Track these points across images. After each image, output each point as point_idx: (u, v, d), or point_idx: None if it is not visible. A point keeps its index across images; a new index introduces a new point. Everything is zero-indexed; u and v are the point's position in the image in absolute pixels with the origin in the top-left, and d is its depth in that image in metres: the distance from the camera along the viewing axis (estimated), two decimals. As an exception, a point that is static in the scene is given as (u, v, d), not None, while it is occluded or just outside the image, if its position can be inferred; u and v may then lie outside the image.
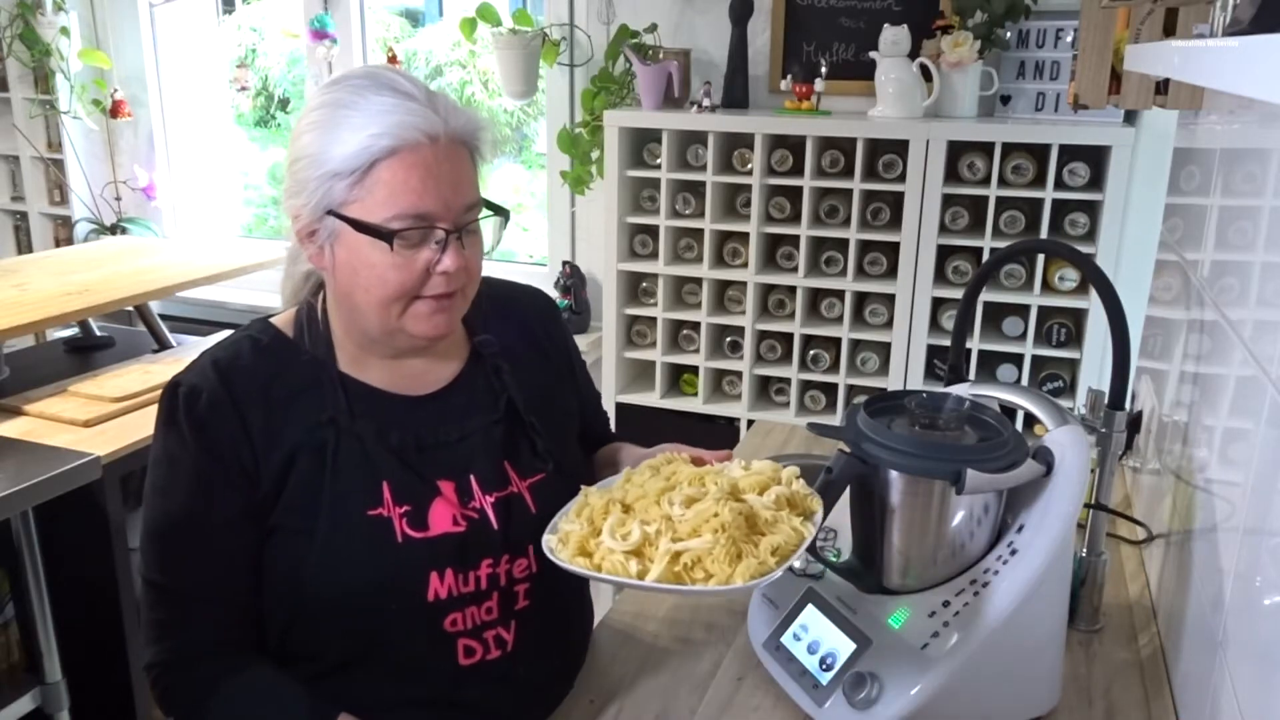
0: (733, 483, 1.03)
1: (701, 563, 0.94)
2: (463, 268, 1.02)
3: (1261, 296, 0.96)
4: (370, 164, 0.97)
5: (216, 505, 1.02)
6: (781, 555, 0.95)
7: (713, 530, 0.95)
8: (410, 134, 0.97)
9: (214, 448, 1.01)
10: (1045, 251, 2.32)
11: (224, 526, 1.02)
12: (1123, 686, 1.18)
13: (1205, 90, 1.28)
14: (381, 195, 0.97)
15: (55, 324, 2.35)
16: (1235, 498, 0.97)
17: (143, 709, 2.08)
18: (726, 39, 2.64)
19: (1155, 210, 1.88)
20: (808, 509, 1.02)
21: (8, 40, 3.48)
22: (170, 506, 1.03)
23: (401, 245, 0.99)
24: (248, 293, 3.41)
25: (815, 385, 2.64)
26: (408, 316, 1.03)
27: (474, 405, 1.12)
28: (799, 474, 1.05)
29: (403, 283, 1.00)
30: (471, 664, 1.07)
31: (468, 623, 1.06)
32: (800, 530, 0.98)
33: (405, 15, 5.16)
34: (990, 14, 2.37)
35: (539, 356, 1.21)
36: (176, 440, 1.02)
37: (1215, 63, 0.60)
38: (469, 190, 1.03)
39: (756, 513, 0.99)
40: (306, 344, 1.08)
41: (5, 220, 3.88)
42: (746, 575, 0.93)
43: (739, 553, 0.95)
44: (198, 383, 1.03)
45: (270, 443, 1.02)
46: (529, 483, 1.11)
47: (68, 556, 1.96)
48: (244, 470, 1.02)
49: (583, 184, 2.84)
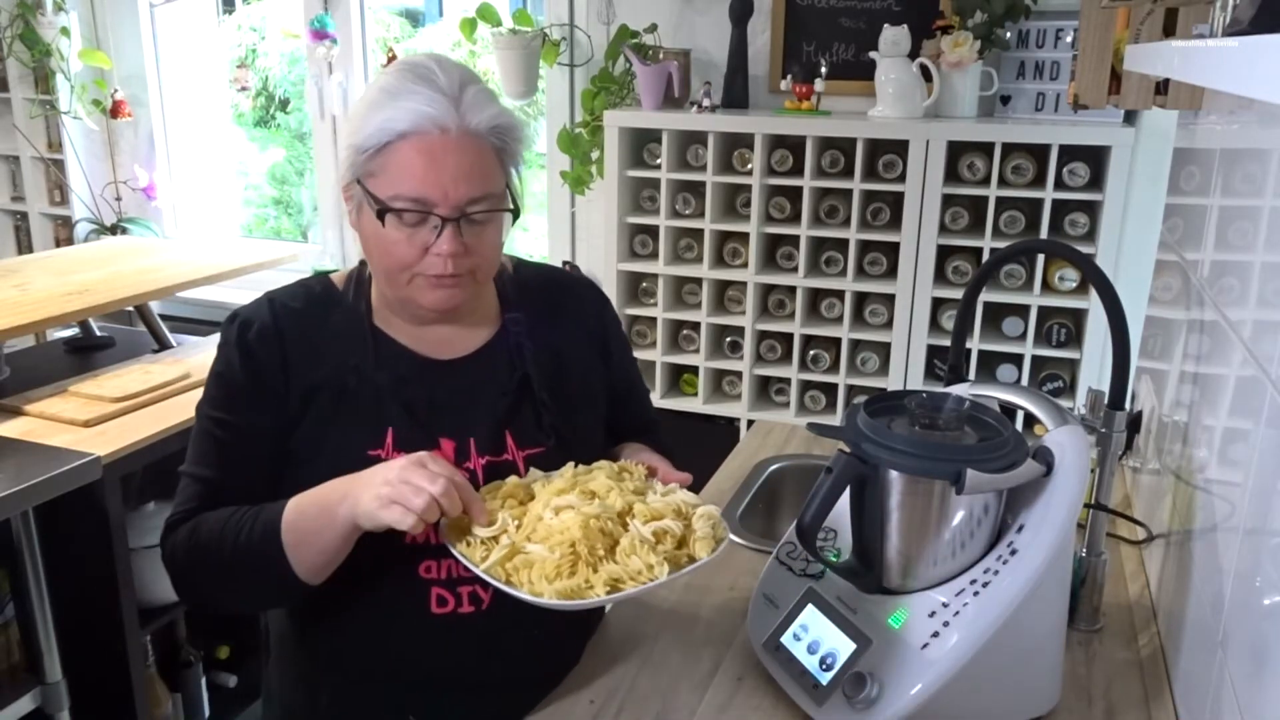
0: (629, 504, 1.05)
1: (530, 568, 0.99)
2: (460, 254, 1.08)
3: (1261, 296, 0.96)
4: (385, 144, 1.06)
5: (250, 417, 1.13)
6: (612, 586, 0.98)
7: (557, 543, 0.99)
8: (423, 123, 1.05)
9: (256, 370, 1.13)
10: (1045, 251, 2.32)
11: (253, 436, 1.14)
12: (1123, 686, 1.18)
13: (1205, 90, 1.28)
14: (391, 174, 1.06)
15: (55, 324, 2.35)
16: (1235, 498, 0.97)
17: (143, 709, 2.08)
18: (726, 39, 2.64)
19: (1155, 210, 1.88)
20: (693, 553, 1.04)
21: (8, 40, 3.48)
22: (214, 412, 1.15)
23: (398, 223, 1.07)
24: (248, 293, 3.37)
25: (815, 385, 2.64)
26: (413, 287, 1.11)
27: (490, 375, 1.19)
28: (714, 517, 1.07)
29: (401, 257, 1.08)
30: (443, 614, 1.13)
31: (442, 572, 1.12)
32: (650, 570, 0.99)
33: (405, 15, 5.16)
34: (990, 14, 2.37)
35: (571, 342, 1.26)
36: (226, 360, 1.15)
37: (1215, 63, 0.60)
38: (477, 183, 1.07)
39: (621, 540, 1.02)
40: (350, 298, 1.19)
41: (5, 220, 3.88)
42: (557, 594, 0.97)
43: (572, 570, 0.98)
44: (252, 316, 1.16)
45: (301, 376, 1.13)
46: (526, 453, 1.17)
47: (68, 556, 1.96)
48: (275, 393, 1.13)
49: (583, 184, 2.84)
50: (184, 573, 1.14)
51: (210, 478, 1.14)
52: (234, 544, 1.07)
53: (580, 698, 1.16)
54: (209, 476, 1.14)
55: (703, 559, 1.03)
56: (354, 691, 1.18)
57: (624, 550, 1.01)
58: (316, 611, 1.17)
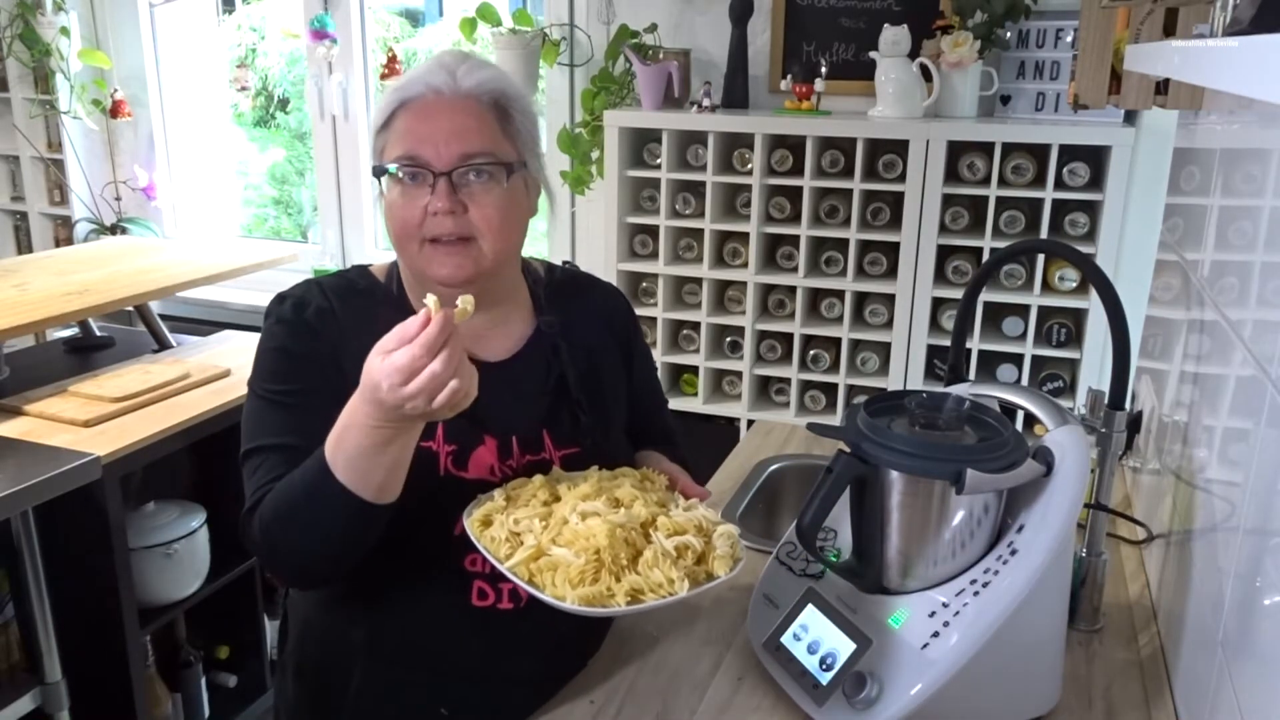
0: (653, 515, 1.06)
1: (555, 571, 0.99)
2: (457, 212, 1.09)
3: (1261, 296, 0.96)
4: (390, 117, 1.12)
5: (314, 383, 1.12)
6: (633, 597, 0.99)
7: (582, 549, 1.00)
8: (417, 88, 1.10)
9: (314, 344, 1.14)
10: (1045, 251, 2.32)
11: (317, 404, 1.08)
12: (1123, 686, 1.18)
13: (1205, 90, 1.28)
14: (391, 141, 1.11)
15: (55, 324, 2.35)
16: (1235, 498, 0.97)
17: (143, 709, 2.08)
18: (726, 39, 2.64)
19: (1155, 210, 1.88)
20: (711, 570, 1.04)
21: (8, 40, 3.48)
22: (274, 385, 1.14)
23: (395, 183, 1.10)
24: (248, 293, 3.41)
25: (815, 385, 2.64)
26: (423, 257, 1.12)
27: (529, 376, 1.21)
28: (734, 537, 1.07)
29: (405, 220, 1.10)
30: (483, 607, 1.14)
31: (487, 566, 1.11)
32: (671, 584, 1.00)
33: (405, 15, 5.17)
34: (990, 14, 2.37)
35: (601, 344, 1.28)
36: (284, 334, 1.15)
37: (1215, 63, 0.60)
38: (470, 140, 1.10)
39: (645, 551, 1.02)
40: (394, 290, 1.20)
41: (5, 220, 3.88)
42: (580, 600, 0.97)
43: (595, 576, 0.99)
44: (305, 295, 1.17)
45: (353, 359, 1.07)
46: (563, 454, 1.19)
47: (68, 556, 1.96)
48: (337, 365, 1.12)
49: (583, 184, 2.84)
50: (267, 550, 1.10)
51: (286, 444, 1.10)
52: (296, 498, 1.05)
53: (581, 698, 1.16)
54: (285, 444, 1.10)
55: (721, 576, 1.03)
56: (386, 676, 1.18)
57: (647, 562, 1.01)
58: (357, 595, 1.18)
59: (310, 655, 1.25)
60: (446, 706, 1.18)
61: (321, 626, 1.23)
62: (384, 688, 1.19)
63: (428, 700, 1.18)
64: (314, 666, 1.25)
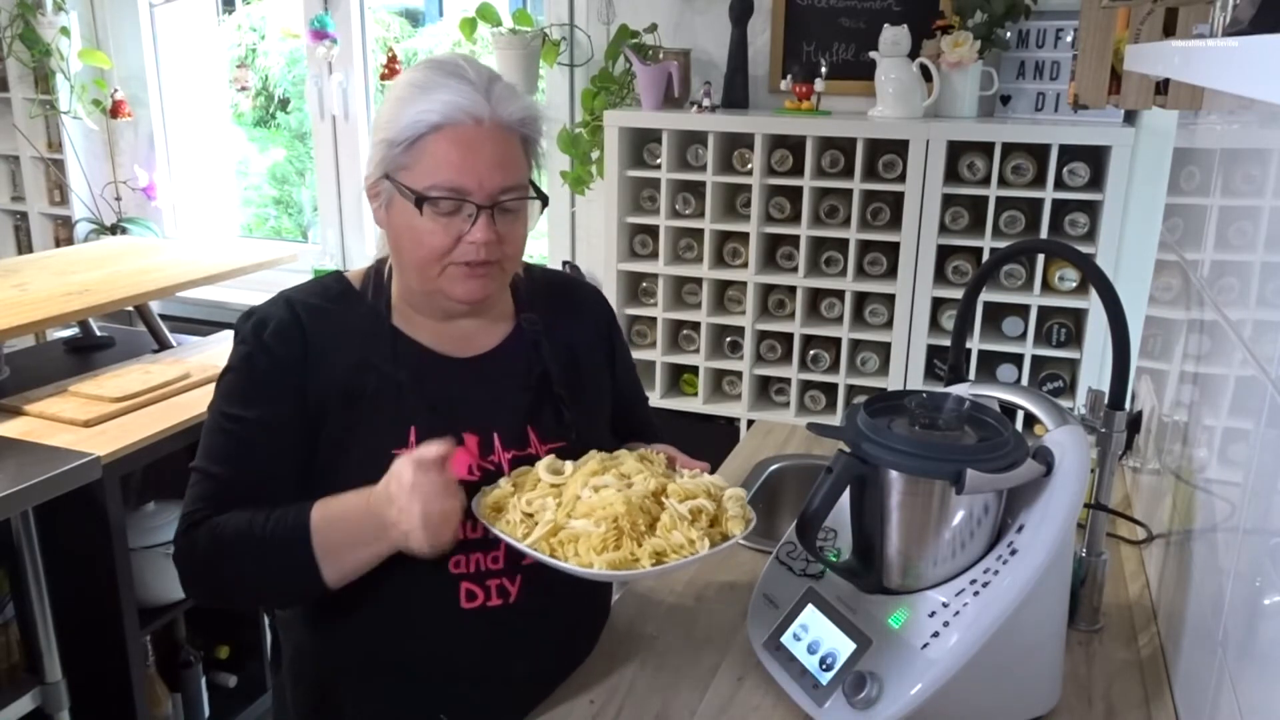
0: (662, 484, 1.08)
1: (575, 542, 1.01)
2: (493, 242, 1.11)
3: (1261, 296, 0.96)
4: (419, 136, 1.08)
5: (267, 411, 1.13)
6: (657, 559, 1.00)
7: (600, 518, 1.01)
8: (457, 114, 1.08)
9: (273, 365, 1.14)
10: (1045, 251, 2.32)
11: (269, 431, 1.13)
12: (1123, 686, 1.18)
13: (1205, 90, 1.28)
14: (426, 165, 1.09)
15: (55, 324, 2.34)
16: (1235, 498, 0.97)
17: (142, 709, 2.08)
18: (726, 39, 2.64)
19: (1155, 210, 1.88)
20: (726, 531, 1.06)
21: (8, 40, 3.48)
22: (228, 408, 1.15)
23: (434, 212, 1.09)
24: (248, 293, 3.41)
25: (815, 385, 2.64)
26: (444, 278, 1.13)
27: (510, 373, 1.22)
28: (744, 499, 1.10)
29: (435, 247, 1.10)
30: (473, 608, 1.15)
31: (471, 566, 1.14)
32: (693, 544, 1.02)
33: (405, 15, 5.17)
34: (990, 14, 2.37)
35: (583, 341, 1.29)
36: (242, 356, 1.16)
37: (1215, 63, 0.60)
38: (509, 172, 1.11)
39: (661, 517, 1.04)
40: (369, 296, 1.20)
41: (5, 220, 3.88)
42: (607, 564, 0.98)
43: (617, 544, 1.00)
44: (268, 312, 1.17)
45: (320, 372, 1.14)
46: (548, 448, 1.19)
47: (68, 556, 1.96)
48: (294, 388, 1.13)
49: (583, 184, 2.84)
50: (201, 570, 1.14)
51: (222, 474, 1.14)
52: (260, 545, 1.08)
53: (580, 697, 1.16)
54: (221, 473, 1.14)
55: (736, 535, 1.05)
56: (384, 688, 1.18)
57: (665, 526, 1.03)
58: (347, 613, 1.17)
59: (306, 675, 1.25)
60: (446, 711, 1.18)
61: (315, 648, 1.23)
62: (383, 699, 1.19)
63: (427, 707, 1.18)
64: (311, 685, 1.25)
